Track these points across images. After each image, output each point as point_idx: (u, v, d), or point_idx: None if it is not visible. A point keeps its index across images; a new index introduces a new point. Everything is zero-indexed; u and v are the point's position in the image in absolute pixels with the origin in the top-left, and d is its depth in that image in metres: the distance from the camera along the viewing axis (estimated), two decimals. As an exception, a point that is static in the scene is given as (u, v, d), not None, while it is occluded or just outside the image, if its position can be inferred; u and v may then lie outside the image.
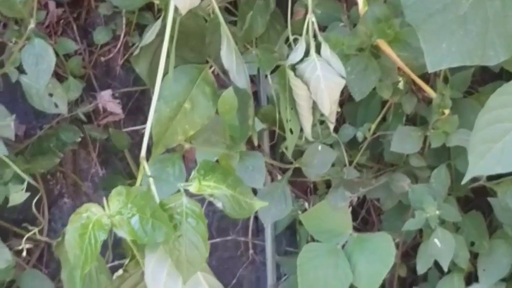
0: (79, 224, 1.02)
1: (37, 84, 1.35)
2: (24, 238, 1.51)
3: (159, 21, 1.13)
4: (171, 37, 1.06)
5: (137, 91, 1.73)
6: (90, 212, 1.03)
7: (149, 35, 1.14)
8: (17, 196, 1.41)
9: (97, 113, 1.68)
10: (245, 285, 1.90)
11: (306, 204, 1.64)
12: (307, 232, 1.61)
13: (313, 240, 1.54)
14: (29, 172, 1.56)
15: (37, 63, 1.34)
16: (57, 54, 1.43)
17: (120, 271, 1.07)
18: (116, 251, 1.34)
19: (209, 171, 1.02)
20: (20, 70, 1.42)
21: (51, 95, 1.44)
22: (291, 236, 1.82)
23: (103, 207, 1.03)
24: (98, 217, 1.02)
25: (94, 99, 1.66)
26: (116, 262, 1.35)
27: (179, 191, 1.01)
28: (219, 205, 1.01)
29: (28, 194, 1.45)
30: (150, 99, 1.07)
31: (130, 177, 1.74)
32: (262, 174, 1.31)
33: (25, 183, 1.44)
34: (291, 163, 1.46)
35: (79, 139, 1.64)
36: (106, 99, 1.64)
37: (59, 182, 1.76)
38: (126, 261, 1.08)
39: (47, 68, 1.34)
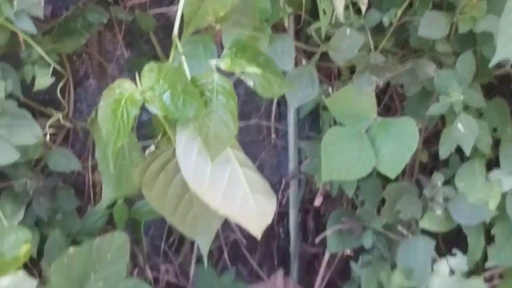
0: (112, 100, 1.04)
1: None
2: (49, 122, 1.53)
3: None
4: None
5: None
6: (123, 88, 1.04)
7: None
8: (43, 80, 1.43)
9: (123, -7, 1.68)
10: (266, 169, 1.94)
11: (330, 89, 1.64)
12: (330, 117, 1.63)
13: (336, 123, 1.55)
14: (55, 52, 1.57)
15: None
16: None
17: (152, 147, 1.09)
18: (140, 132, 1.38)
19: (241, 50, 1.03)
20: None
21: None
22: (313, 121, 1.84)
23: (135, 83, 1.05)
24: (130, 93, 1.04)
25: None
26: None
27: (210, 69, 1.03)
28: (250, 83, 1.03)
29: (53, 79, 1.46)
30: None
31: (155, 59, 1.75)
32: (292, 57, 1.32)
33: (51, 68, 1.44)
34: (318, 47, 1.47)
35: (105, 21, 1.64)
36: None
37: (85, 63, 1.77)
38: (158, 138, 1.10)
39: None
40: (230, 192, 1.05)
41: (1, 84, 1.27)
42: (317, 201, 1.80)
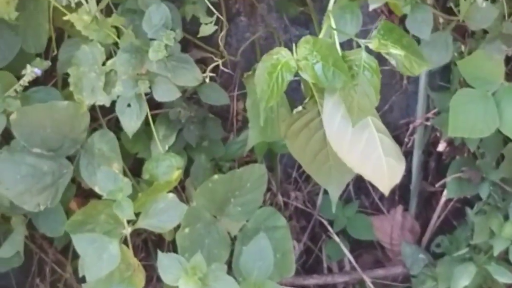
0: (270, 64, 1.19)
1: None
2: (209, 68, 1.67)
3: None
4: None
5: None
6: (280, 54, 1.19)
7: None
8: (207, 28, 1.58)
9: None
10: (395, 111, 2.06)
11: (463, 47, 1.74)
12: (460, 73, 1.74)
13: (465, 81, 1.66)
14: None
15: None
16: None
17: (300, 108, 1.25)
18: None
19: (388, 32, 1.16)
20: None
21: None
22: (444, 72, 1.94)
23: (291, 51, 1.19)
24: (287, 60, 1.19)
25: None
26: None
27: (359, 46, 1.16)
28: (392, 62, 1.16)
29: (215, 27, 1.60)
30: None
31: (302, 4, 1.89)
32: (430, 26, 1.43)
33: (215, 17, 1.59)
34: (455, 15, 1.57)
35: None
36: None
37: (238, 2, 1.92)
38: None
39: None
40: (365, 154, 1.20)
41: (170, 33, 1.43)
42: (441, 147, 1.92)
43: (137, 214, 1.48)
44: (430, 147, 2.06)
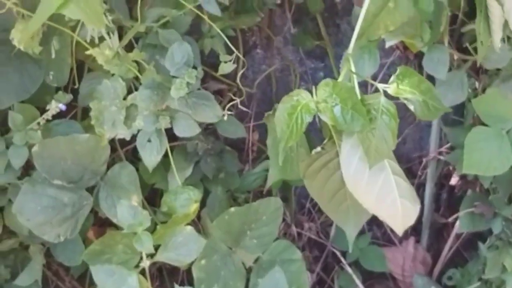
0: (289, 105, 1.22)
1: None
2: (228, 106, 1.70)
3: None
4: None
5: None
6: (300, 96, 1.22)
7: None
8: (226, 66, 1.61)
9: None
10: (408, 143, 2.09)
11: (477, 83, 1.77)
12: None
13: (478, 117, 1.69)
14: (232, 27, 1.76)
15: None
16: None
17: (319, 148, 1.28)
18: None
19: (406, 77, 1.18)
20: None
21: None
22: (457, 107, 1.96)
23: (311, 93, 1.22)
24: (306, 101, 1.21)
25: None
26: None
27: (378, 90, 1.19)
28: (411, 107, 1.18)
29: (235, 66, 1.63)
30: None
31: (318, 38, 1.92)
32: (446, 66, 1.47)
33: (234, 55, 1.61)
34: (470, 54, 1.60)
35: (279, 1, 1.81)
36: (305, -33, 1.80)
37: (254, 35, 1.95)
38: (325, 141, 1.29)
39: None
40: (381, 195, 1.22)
41: (192, 71, 1.47)
42: (453, 181, 1.95)
43: (155, 246, 1.51)
44: (442, 180, 2.09)
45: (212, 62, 1.83)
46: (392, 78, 1.18)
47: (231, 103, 1.64)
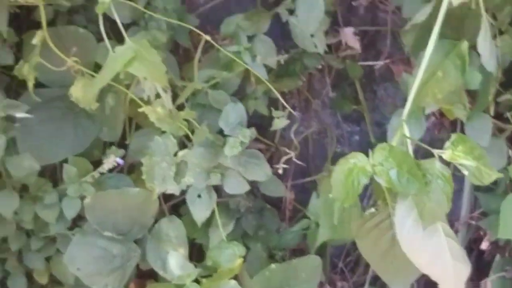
0: (346, 167, 1.28)
1: (307, 28, 1.60)
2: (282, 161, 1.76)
3: (430, 5, 1.34)
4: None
5: (373, 30, 1.95)
6: (357, 159, 1.27)
7: (420, 16, 1.36)
8: (279, 122, 1.68)
9: (338, 45, 1.91)
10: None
11: (510, 152, 1.83)
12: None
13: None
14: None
15: (309, 11, 1.58)
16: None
17: (372, 209, 1.34)
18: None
19: (460, 143, 1.24)
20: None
21: (312, 36, 1.69)
22: (490, 172, 2.02)
23: (367, 156, 1.28)
24: (363, 164, 1.27)
25: (338, 33, 1.89)
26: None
27: (433, 155, 1.25)
28: (465, 172, 1.24)
29: (288, 121, 1.70)
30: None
31: (356, 103, 1.99)
32: (488, 134, 1.53)
33: (287, 111, 1.68)
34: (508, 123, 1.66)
35: (320, 66, 1.89)
36: (348, 35, 1.87)
37: (294, 97, 2.02)
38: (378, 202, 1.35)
39: (317, 16, 1.58)
40: (434, 256, 1.28)
41: (246, 131, 1.53)
42: (484, 245, 1.99)
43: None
44: (471, 244, 2.13)
45: (252, 122, 1.90)
46: (446, 144, 1.24)
47: (282, 166, 1.70)
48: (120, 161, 1.60)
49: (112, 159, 1.58)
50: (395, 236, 1.30)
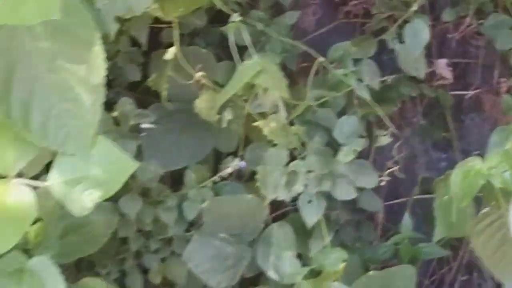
0: (464, 170, 1.42)
1: (412, 52, 1.76)
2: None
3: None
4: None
5: (463, 62, 2.10)
6: (474, 162, 1.42)
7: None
8: (383, 139, 1.83)
9: (431, 76, 2.06)
10: None
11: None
12: None
13: None
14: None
15: (415, 36, 1.75)
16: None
17: (487, 209, 1.47)
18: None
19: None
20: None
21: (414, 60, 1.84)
22: None
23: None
24: (478, 168, 1.41)
25: (432, 64, 2.04)
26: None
27: None
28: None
29: (391, 139, 1.85)
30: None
31: (444, 130, 2.13)
32: None
33: (390, 130, 1.83)
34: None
35: (414, 94, 2.03)
36: (442, 66, 2.02)
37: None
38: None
39: (421, 41, 1.74)
40: (543, 253, 1.41)
41: (360, 140, 1.68)
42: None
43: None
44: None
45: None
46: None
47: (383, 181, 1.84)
48: (243, 164, 1.74)
49: (235, 164, 1.72)
50: (506, 235, 1.43)
